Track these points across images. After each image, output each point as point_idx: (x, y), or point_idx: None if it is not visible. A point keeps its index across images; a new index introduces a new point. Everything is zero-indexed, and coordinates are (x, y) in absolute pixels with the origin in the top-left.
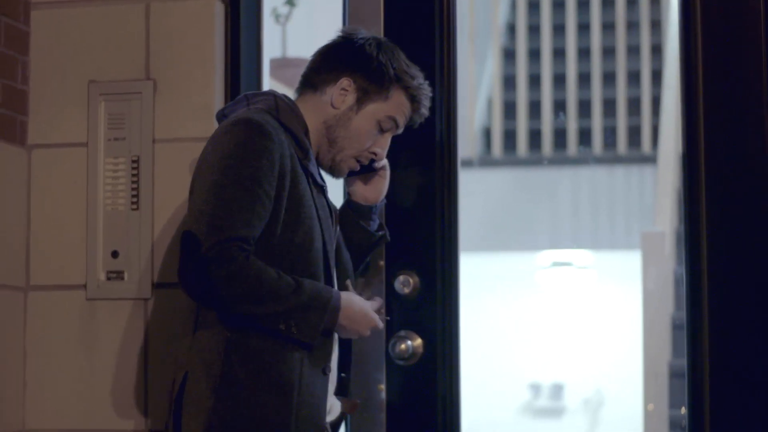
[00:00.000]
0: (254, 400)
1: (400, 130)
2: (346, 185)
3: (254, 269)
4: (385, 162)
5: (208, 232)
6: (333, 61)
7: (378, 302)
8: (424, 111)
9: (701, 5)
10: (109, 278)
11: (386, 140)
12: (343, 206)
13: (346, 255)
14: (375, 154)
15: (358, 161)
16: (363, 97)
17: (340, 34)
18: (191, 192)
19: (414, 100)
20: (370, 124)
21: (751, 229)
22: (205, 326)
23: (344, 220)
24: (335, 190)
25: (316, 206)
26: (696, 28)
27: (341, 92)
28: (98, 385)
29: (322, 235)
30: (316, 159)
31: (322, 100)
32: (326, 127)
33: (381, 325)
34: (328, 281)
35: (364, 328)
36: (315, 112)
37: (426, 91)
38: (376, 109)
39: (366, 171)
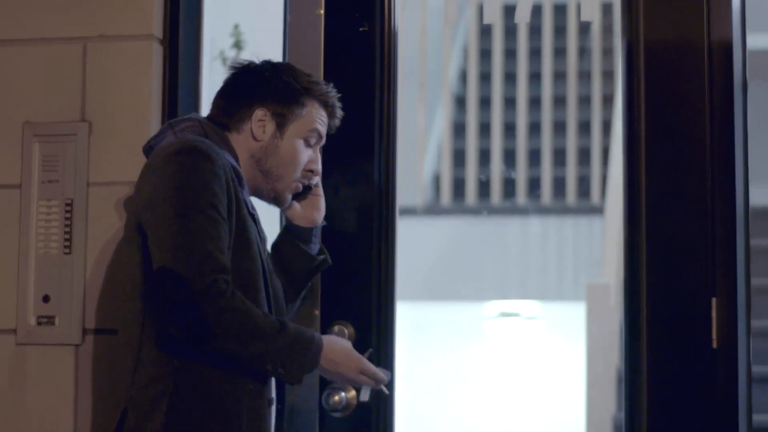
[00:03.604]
0: (203, 430)
1: (323, 141)
2: (283, 211)
3: (241, 304)
4: (317, 179)
5: (189, 267)
6: (239, 98)
7: (368, 352)
8: (339, 112)
9: (644, 56)
10: (39, 323)
11: (317, 154)
12: (283, 232)
13: (278, 283)
14: (312, 171)
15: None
16: (282, 122)
17: (231, 70)
18: (142, 226)
19: (327, 105)
20: (299, 144)
21: (691, 282)
22: (148, 363)
23: (283, 246)
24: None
25: (255, 232)
26: (639, 79)
27: (259, 124)
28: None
29: (262, 262)
30: (255, 193)
31: (240, 138)
32: (255, 161)
33: (374, 369)
34: (269, 309)
35: (351, 371)
36: (239, 149)
37: (334, 93)
38: (297, 128)
39: (301, 192)
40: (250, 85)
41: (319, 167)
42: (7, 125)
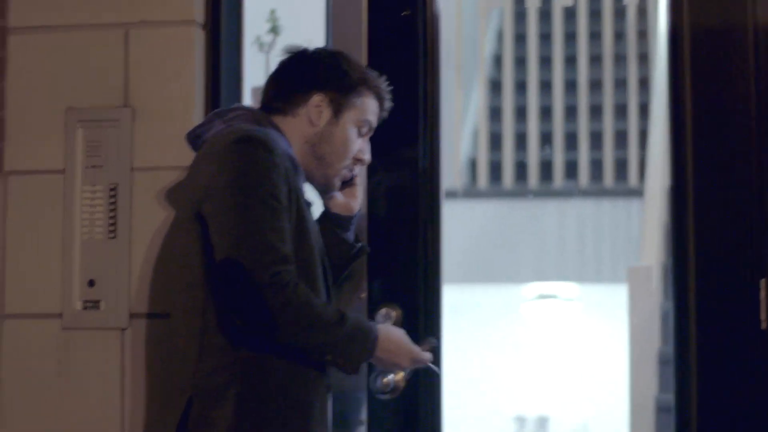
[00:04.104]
0: (277, 419)
1: (372, 132)
2: (323, 199)
3: (304, 296)
4: (358, 168)
5: (252, 258)
6: (297, 82)
7: (428, 342)
8: (389, 104)
9: (690, 39)
10: (85, 307)
11: (367, 144)
12: (320, 220)
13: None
14: (360, 160)
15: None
16: (338, 109)
17: (288, 54)
18: (204, 214)
19: (380, 96)
20: (352, 132)
21: (739, 264)
22: (212, 351)
23: (323, 234)
24: None
25: (312, 221)
26: (685, 62)
27: (317, 109)
28: (74, 415)
29: (319, 250)
30: (306, 178)
31: (295, 121)
32: (310, 146)
33: (425, 357)
34: (327, 297)
35: (405, 361)
36: (292, 133)
37: (386, 86)
38: (351, 116)
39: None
40: (309, 70)
41: (367, 157)
42: (50, 111)
